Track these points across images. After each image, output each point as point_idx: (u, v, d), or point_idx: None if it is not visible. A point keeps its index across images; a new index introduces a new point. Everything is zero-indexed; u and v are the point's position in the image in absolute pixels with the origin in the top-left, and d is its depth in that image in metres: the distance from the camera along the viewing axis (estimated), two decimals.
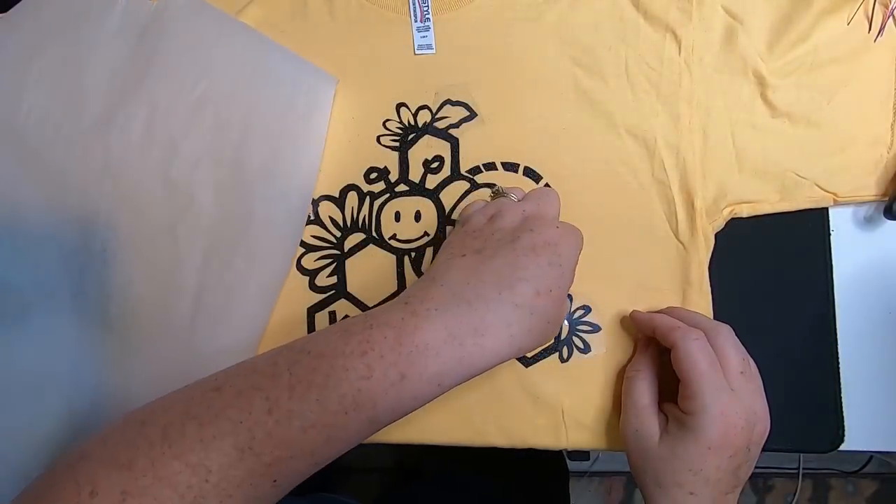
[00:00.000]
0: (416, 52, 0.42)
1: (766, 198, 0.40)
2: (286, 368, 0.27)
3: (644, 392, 0.36)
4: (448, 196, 0.41)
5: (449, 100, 0.42)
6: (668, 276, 0.40)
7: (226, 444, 0.26)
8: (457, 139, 0.41)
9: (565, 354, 0.39)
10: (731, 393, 0.33)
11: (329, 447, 0.27)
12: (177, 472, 0.25)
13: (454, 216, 0.41)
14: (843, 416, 0.39)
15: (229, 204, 0.39)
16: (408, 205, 0.41)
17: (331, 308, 0.41)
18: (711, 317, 0.39)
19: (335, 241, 0.41)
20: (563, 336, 0.40)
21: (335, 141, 0.42)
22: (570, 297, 0.40)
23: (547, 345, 0.39)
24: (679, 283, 0.40)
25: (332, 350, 0.27)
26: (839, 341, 0.40)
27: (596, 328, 0.40)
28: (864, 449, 0.40)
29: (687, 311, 0.38)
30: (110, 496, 0.25)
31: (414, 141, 0.42)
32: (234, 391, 0.27)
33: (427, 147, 0.41)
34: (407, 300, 0.30)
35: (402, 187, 0.41)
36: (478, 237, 0.33)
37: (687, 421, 0.33)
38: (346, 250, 0.41)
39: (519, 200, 0.35)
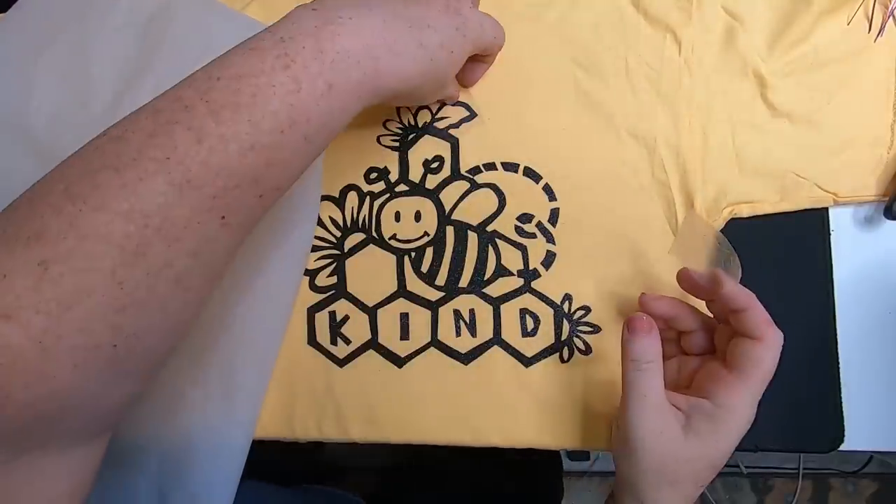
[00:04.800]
0: None
1: (766, 198, 0.40)
2: (198, 98, 0.25)
3: (660, 387, 0.33)
4: (448, 196, 0.41)
5: None
6: (668, 276, 0.40)
7: (157, 183, 0.23)
8: (457, 139, 0.41)
9: (566, 355, 0.40)
10: None
11: (270, 171, 0.26)
12: (106, 223, 0.23)
13: (454, 216, 0.41)
14: (843, 416, 0.39)
15: None
16: (408, 205, 0.41)
17: (331, 308, 0.41)
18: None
19: (335, 241, 0.41)
20: (563, 337, 0.40)
21: (335, 141, 0.41)
22: (569, 297, 0.40)
23: (547, 345, 0.39)
24: None
25: (250, 69, 0.26)
26: (839, 341, 0.40)
27: (596, 329, 0.40)
28: (864, 449, 0.40)
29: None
30: (24, 272, 0.22)
31: (414, 141, 0.42)
32: (144, 134, 0.24)
33: (427, 147, 0.41)
34: (315, 6, 0.28)
35: (402, 187, 0.41)
36: None
37: (719, 415, 0.32)
38: (345, 250, 0.41)
39: None
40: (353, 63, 0.27)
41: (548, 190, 0.40)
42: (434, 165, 0.41)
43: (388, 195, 0.41)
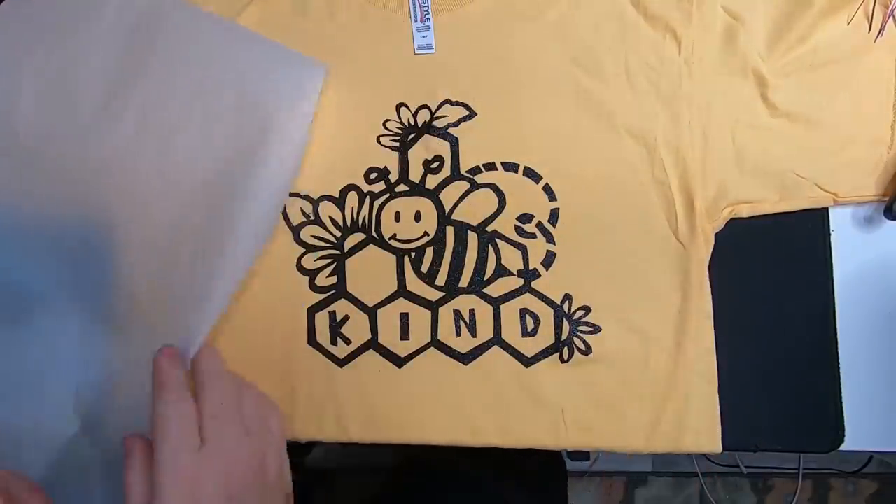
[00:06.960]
0: (416, 52, 0.42)
1: (766, 198, 0.40)
2: None
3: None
4: (448, 196, 0.41)
5: (448, 99, 0.41)
6: (668, 276, 0.40)
7: None
8: (456, 139, 0.41)
9: (566, 355, 0.39)
10: (196, 453, 0.28)
11: None
12: None
13: (454, 216, 0.41)
14: (843, 416, 0.39)
15: (220, 196, 0.38)
16: (408, 205, 0.41)
17: (331, 308, 0.41)
18: (711, 317, 0.39)
19: (335, 241, 0.41)
20: (563, 337, 0.40)
21: (335, 141, 0.42)
22: (569, 297, 0.40)
23: (547, 345, 0.39)
24: (679, 283, 0.39)
25: None
26: (839, 341, 0.40)
27: (597, 329, 0.40)
28: (864, 449, 0.40)
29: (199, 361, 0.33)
30: None
31: (414, 141, 0.42)
32: None
33: (427, 147, 0.41)
34: None
35: (402, 187, 0.41)
36: None
37: None
38: (346, 250, 0.41)
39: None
40: None
41: (548, 190, 0.40)
42: (434, 165, 0.41)
43: (388, 195, 0.41)
